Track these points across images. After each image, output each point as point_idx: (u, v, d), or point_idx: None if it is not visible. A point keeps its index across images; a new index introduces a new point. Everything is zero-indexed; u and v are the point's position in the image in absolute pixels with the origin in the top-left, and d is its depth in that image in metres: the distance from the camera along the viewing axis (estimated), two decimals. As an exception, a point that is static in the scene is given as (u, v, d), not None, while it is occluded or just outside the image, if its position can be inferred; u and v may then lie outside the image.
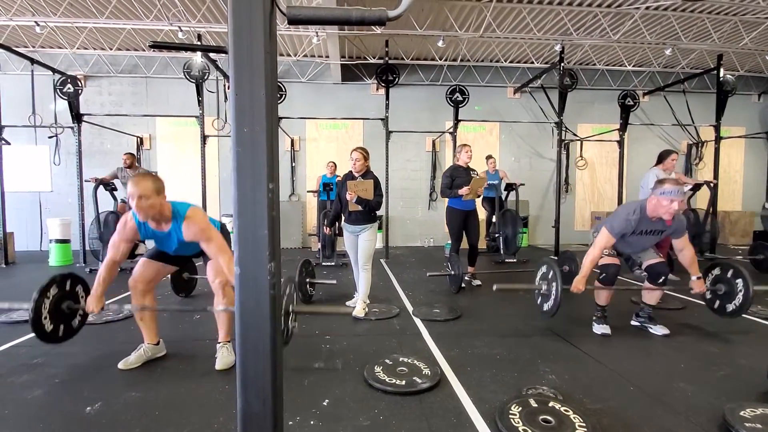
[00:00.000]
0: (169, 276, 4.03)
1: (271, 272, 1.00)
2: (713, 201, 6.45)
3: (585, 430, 1.75)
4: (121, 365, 2.47)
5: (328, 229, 4.06)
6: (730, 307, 3.06)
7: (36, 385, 2.24)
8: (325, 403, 2.05)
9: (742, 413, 1.88)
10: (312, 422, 1.88)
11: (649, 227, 2.97)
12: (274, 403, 1.03)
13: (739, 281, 2.99)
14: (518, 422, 1.81)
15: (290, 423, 1.86)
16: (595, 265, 3.06)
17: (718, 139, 7.34)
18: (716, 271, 3.19)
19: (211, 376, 2.39)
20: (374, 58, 8.06)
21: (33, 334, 3.04)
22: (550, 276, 3.08)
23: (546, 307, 3.09)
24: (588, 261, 3.02)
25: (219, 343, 2.58)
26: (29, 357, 2.64)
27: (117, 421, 1.88)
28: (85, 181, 5.71)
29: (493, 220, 6.73)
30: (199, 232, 2.31)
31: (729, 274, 3.07)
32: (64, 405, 2.04)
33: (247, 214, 0.98)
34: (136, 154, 8.02)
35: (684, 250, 3.10)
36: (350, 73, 8.45)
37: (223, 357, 2.51)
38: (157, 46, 5.10)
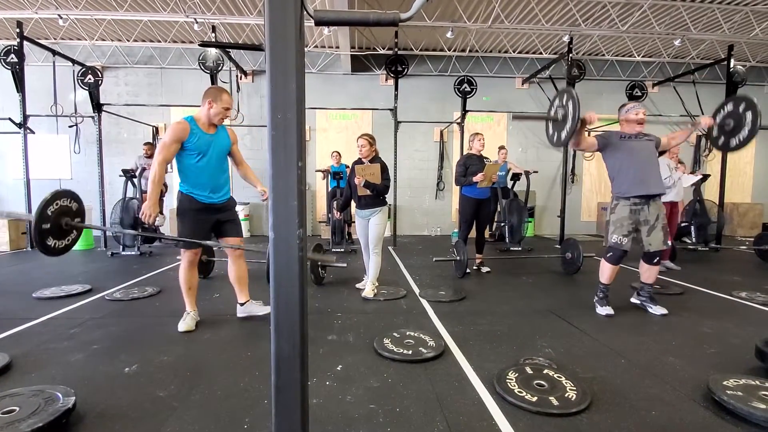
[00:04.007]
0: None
1: (300, 237, 1.18)
2: (707, 190, 6.50)
3: (575, 392, 1.93)
4: (182, 328, 2.83)
5: (339, 213, 4.24)
6: (734, 141, 3.20)
7: (76, 351, 2.48)
8: (338, 368, 2.26)
9: (725, 383, 2.02)
10: (327, 383, 2.09)
11: (634, 134, 3.24)
12: (302, 347, 1.22)
13: (749, 113, 3.10)
14: (514, 386, 1.99)
15: (308, 384, 2.06)
16: (603, 259, 3.30)
17: (727, 130, 7.33)
18: (729, 107, 3.26)
19: (233, 345, 2.61)
20: (384, 48, 8.17)
21: (67, 309, 3.32)
22: (565, 100, 3.01)
23: (563, 134, 3.04)
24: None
25: (248, 302, 3.08)
26: (66, 327, 2.89)
27: (153, 380, 2.10)
28: (119, 176, 6.00)
29: (499, 209, 6.87)
30: (233, 134, 3.05)
31: (741, 108, 3.17)
32: (104, 366, 2.26)
33: (280, 188, 1.15)
34: (153, 142, 8.29)
35: (669, 137, 3.42)
36: (360, 64, 8.57)
37: (261, 307, 3.12)
38: (207, 45, 5.72)
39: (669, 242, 3.32)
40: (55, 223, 2.44)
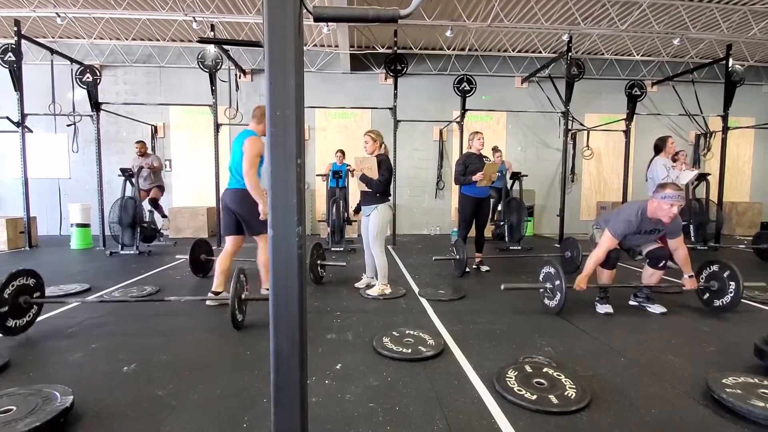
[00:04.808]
0: (188, 258, 4.32)
1: (299, 234, 1.17)
2: (710, 190, 6.52)
3: (575, 391, 1.93)
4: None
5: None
6: (718, 303, 3.27)
7: (75, 350, 2.47)
8: (338, 367, 2.25)
9: (724, 381, 2.02)
10: (327, 382, 2.08)
11: (649, 227, 3.14)
12: (301, 346, 1.21)
13: (732, 284, 3.17)
14: (513, 384, 1.99)
15: (307, 382, 2.06)
16: (598, 265, 3.22)
17: (726, 129, 7.35)
18: (714, 268, 3.33)
19: (232, 344, 2.60)
20: (383, 47, 8.16)
21: (66, 308, 3.31)
22: (554, 276, 3.23)
23: (552, 304, 3.24)
24: (591, 261, 3.19)
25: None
26: (64, 327, 2.87)
27: (152, 379, 2.09)
28: (117, 176, 5.98)
29: (499, 208, 6.87)
30: None
31: (725, 275, 3.24)
32: (102, 366, 2.26)
33: (279, 186, 1.14)
34: (151, 141, 8.28)
35: (678, 249, 3.24)
36: (359, 63, 8.56)
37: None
38: (205, 41, 5.78)
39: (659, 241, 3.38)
40: (14, 303, 2.53)
